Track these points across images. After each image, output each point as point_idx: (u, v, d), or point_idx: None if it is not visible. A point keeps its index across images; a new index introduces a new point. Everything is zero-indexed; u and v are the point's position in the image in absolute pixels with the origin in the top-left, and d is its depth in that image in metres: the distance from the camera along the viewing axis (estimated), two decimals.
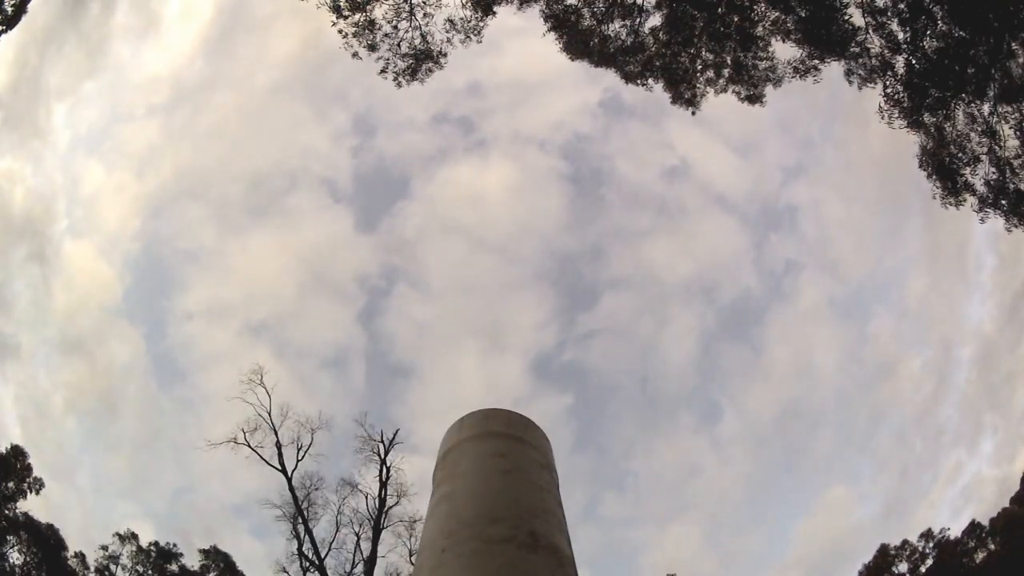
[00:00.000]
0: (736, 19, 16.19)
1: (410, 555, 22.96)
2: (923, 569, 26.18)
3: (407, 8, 16.48)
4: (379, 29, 16.53)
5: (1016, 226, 15.32)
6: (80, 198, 29.26)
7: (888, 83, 15.59)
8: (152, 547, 25.82)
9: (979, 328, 30.01)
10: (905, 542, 26.64)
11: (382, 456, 24.34)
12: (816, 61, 15.98)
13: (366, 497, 24.19)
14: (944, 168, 15.59)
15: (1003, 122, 14.81)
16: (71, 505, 24.95)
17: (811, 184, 36.53)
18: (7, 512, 23.83)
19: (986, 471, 27.28)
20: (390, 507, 23.90)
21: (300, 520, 23.50)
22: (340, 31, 16.33)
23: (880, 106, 15.78)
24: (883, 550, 26.69)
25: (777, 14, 15.83)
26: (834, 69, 15.97)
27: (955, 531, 25.88)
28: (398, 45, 16.72)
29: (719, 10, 16.24)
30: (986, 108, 14.88)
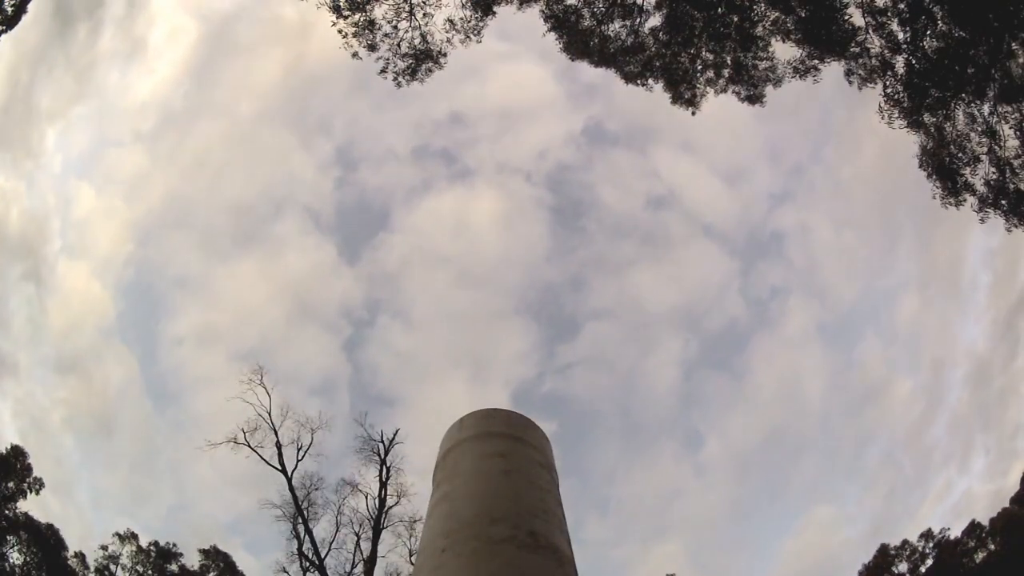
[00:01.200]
0: (736, 19, 16.19)
1: (410, 555, 22.96)
2: (923, 569, 26.17)
3: (407, 8, 16.48)
4: (379, 29, 16.53)
5: (1016, 226, 15.32)
6: (73, 220, 29.73)
7: (888, 83, 15.59)
8: (152, 547, 25.83)
9: (972, 348, 30.07)
10: (905, 542, 26.64)
11: (382, 456, 24.36)
12: (816, 61, 15.99)
13: (366, 497, 24.22)
14: (944, 168, 15.59)
15: (1003, 122, 14.81)
16: (71, 519, 25.30)
17: (800, 209, 36.69)
18: (7, 512, 23.83)
19: (977, 487, 27.32)
20: (390, 507, 23.92)
21: (300, 520, 23.52)
22: (340, 31, 16.34)
23: (880, 106, 15.79)
24: (883, 550, 26.69)
25: (777, 14, 15.83)
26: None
27: (955, 531, 25.89)
28: (398, 45, 16.72)
29: (719, 10, 16.24)
30: (986, 108, 14.89)
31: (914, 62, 15.21)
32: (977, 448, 28.64)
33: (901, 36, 15.27)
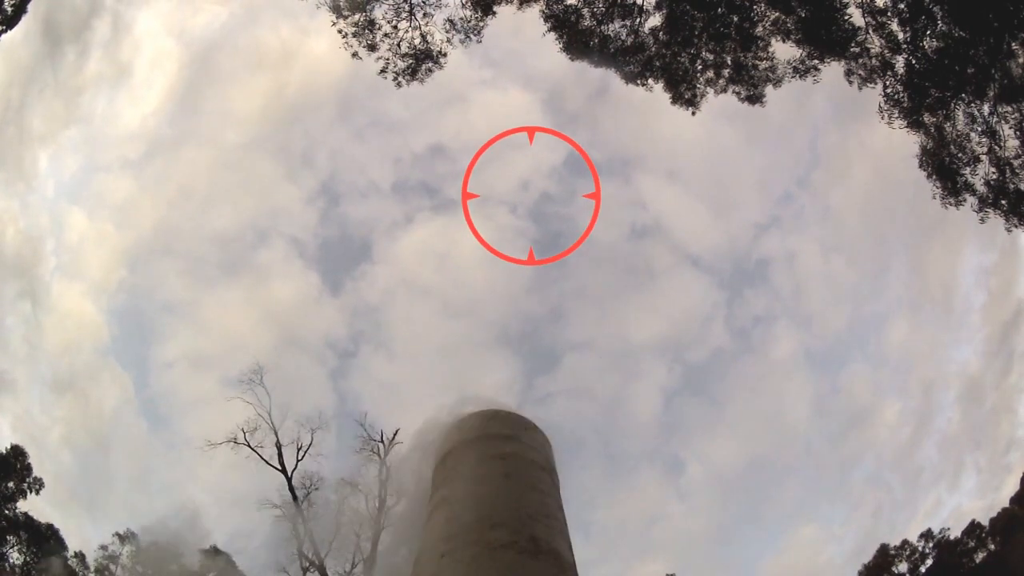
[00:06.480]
0: (736, 19, 16.18)
1: None
2: (923, 569, 26.17)
3: (407, 8, 16.48)
4: (379, 29, 16.54)
5: (1016, 226, 15.33)
6: (66, 243, 30.61)
7: (888, 83, 15.59)
8: (152, 547, 25.84)
9: (964, 369, 30.38)
10: (905, 542, 26.64)
11: (382, 456, 24.35)
12: (816, 61, 16.00)
13: (366, 497, 24.21)
14: (944, 168, 15.60)
15: (1003, 122, 14.81)
16: (70, 533, 25.73)
17: (788, 236, 37.05)
18: (7, 512, 23.84)
19: (968, 504, 27.57)
20: (390, 507, 23.89)
21: (300, 520, 23.52)
22: (340, 31, 16.34)
23: (880, 106, 15.81)
24: (883, 550, 26.69)
25: (777, 14, 15.83)
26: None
27: (955, 531, 25.89)
28: (398, 45, 16.72)
29: (719, 10, 16.23)
30: (986, 108, 14.89)
31: (914, 62, 15.21)
32: (968, 467, 29.01)
33: (901, 36, 15.28)
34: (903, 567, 26.49)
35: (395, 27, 16.57)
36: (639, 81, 17.27)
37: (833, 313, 35.96)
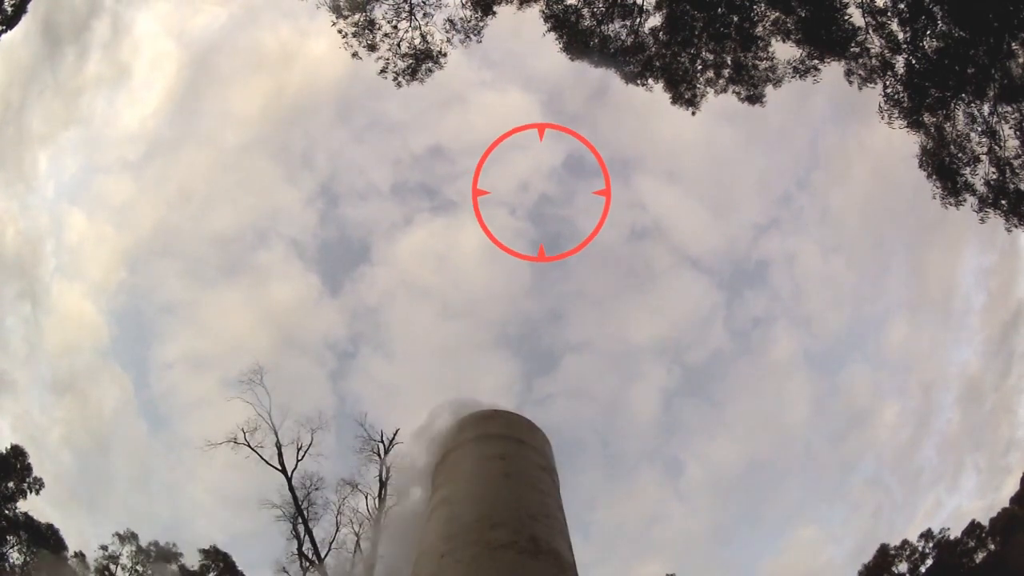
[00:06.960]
0: (736, 19, 16.19)
1: None
2: (923, 569, 26.18)
3: (407, 8, 16.49)
4: (379, 29, 16.55)
5: (1016, 226, 15.34)
6: (66, 244, 30.74)
7: (888, 83, 15.60)
8: (152, 547, 25.84)
9: (963, 370, 30.43)
10: (905, 542, 26.64)
11: (382, 456, 24.37)
12: (816, 61, 16.01)
13: (366, 497, 24.24)
14: (944, 168, 15.60)
15: (1003, 122, 14.83)
16: (70, 534, 25.88)
17: (787, 237, 37.06)
18: (7, 512, 23.84)
19: (967, 504, 27.62)
20: (390, 507, 23.90)
21: (300, 520, 23.56)
22: (340, 31, 16.35)
23: (880, 106, 15.83)
24: (883, 550, 26.69)
25: (777, 14, 15.84)
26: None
27: (955, 531, 25.90)
28: (398, 45, 16.73)
29: (719, 10, 16.24)
30: (986, 108, 14.89)
31: (914, 62, 15.22)
32: (968, 467, 29.06)
33: (901, 36, 15.29)
34: (903, 567, 26.50)
35: (395, 27, 16.59)
36: (639, 81, 17.28)
37: (833, 314, 36.02)
